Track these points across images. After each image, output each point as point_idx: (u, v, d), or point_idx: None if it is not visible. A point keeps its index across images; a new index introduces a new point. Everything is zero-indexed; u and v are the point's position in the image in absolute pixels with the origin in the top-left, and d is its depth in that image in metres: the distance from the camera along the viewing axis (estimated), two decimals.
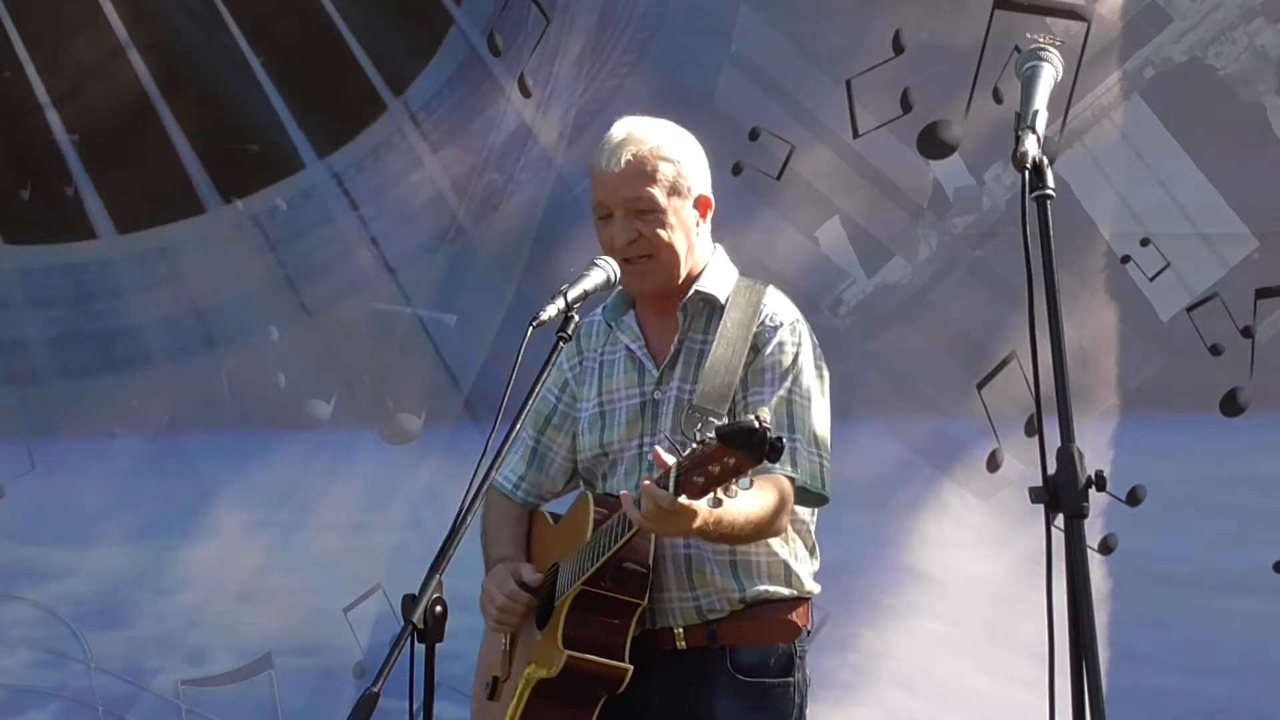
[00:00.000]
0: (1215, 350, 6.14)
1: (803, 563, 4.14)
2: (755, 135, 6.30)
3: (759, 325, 4.09)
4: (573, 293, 3.97)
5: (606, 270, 4.06)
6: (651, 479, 3.72)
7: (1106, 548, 6.09)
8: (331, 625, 6.36)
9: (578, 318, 3.97)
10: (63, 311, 6.59)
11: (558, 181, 6.40)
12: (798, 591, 4.13)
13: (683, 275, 4.14)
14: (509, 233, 6.45)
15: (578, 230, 6.11)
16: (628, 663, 3.96)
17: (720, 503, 3.60)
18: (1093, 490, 3.02)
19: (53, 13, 6.60)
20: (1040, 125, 3.22)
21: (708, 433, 3.54)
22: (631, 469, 4.11)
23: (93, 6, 6.55)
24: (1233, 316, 6.13)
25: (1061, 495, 3.02)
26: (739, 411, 3.97)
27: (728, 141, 6.17)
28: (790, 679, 4.10)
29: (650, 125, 4.14)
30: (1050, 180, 3.15)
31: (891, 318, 6.28)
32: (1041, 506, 3.05)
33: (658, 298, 4.17)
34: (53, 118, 6.58)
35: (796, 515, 4.11)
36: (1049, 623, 3.05)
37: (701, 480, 3.58)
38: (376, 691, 3.51)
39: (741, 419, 3.54)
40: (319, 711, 6.36)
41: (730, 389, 4.00)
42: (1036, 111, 3.24)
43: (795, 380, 4.07)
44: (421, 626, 3.60)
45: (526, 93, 6.44)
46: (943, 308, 6.26)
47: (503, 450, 3.80)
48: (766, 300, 4.13)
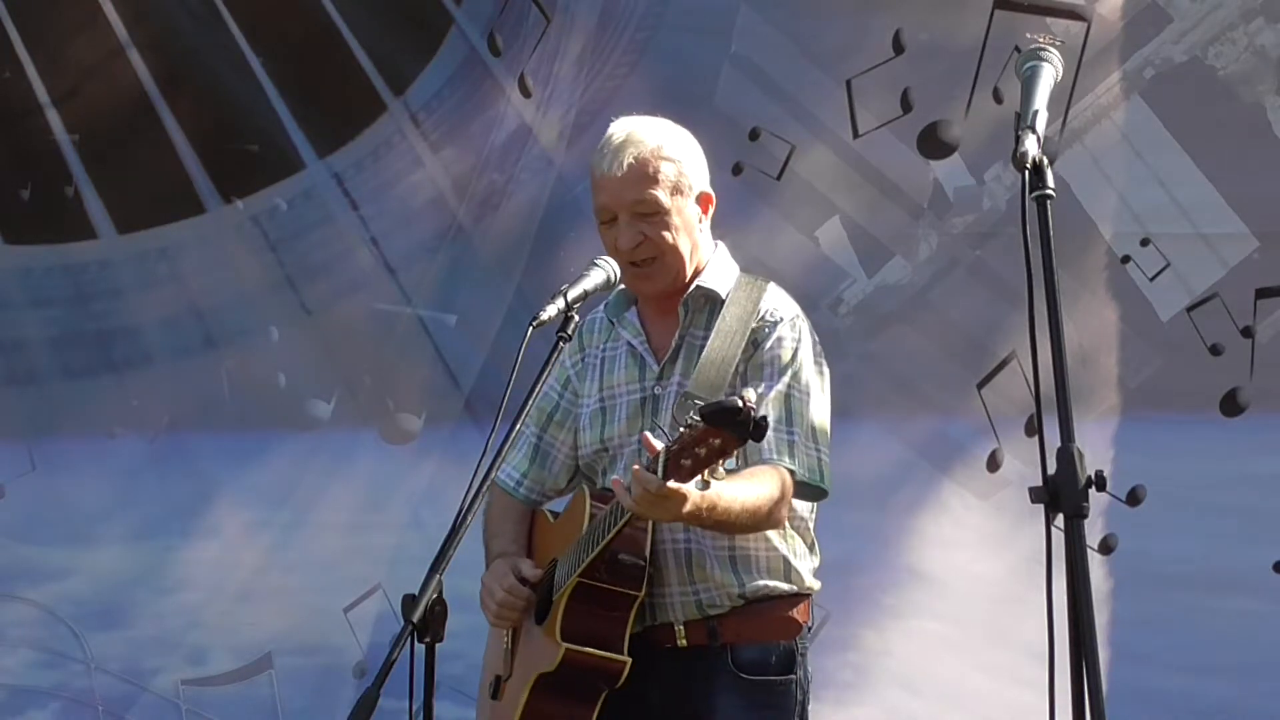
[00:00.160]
0: (1215, 350, 6.14)
1: (802, 559, 4.14)
2: (755, 135, 6.30)
3: (758, 320, 4.09)
4: (573, 293, 3.98)
5: (606, 270, 4.07)
6: (641, 464, 3.72)
7: (1106, 548, 6.09)
8: (331, 625, 6.36)
9: (578, 318, 3.98)
10: (63, 311, 6.59)
11: (558, 181, 6.40)
12: (798, 588, 4.13)
13: (688, 274, 4.14)
14: (509, 233, 6.45)
15: (578, 230, 6.12)
16: (626, 655, 3.96)
17: (708, 484, 3.60)
18: (1093, 490, 3.02)
19: (53, 13, 6.60)
20: (1040, 125, 3.22)
21: (693, 414, 3.54)
22: (632, 464, 4.07)
23: (93, 6, 6.55)
24: (1233, 316, 6.13)
25: (1061, 495, 3.03)
26: None
27: (728, 141, 6.17)
28: (792, 676, 4.10)
29: (649, 125, 4.14)
30: (1050, 180, 3.15)
31: (891, 318, 6.28)
32: (1041, 506, 3.05)
33: (661, 295, 4.17)
34: (53, 118, 6.58)
35: (795, 512, 4.11)
36: (1049, 623, 3.05)
37: (689, 463, 3.58)
38: (376, 692, 3.52)
39: (726, 399, 3.55)
40: (319, 711, 6.37)
41: (724, 380, 4.00)
42: (1036, 111, 3.24)
43: (795, 375, 4.07)
44: (421, 626, 3.60)
45: (526, 93, 6.44)
46: (943, 308, 6.26)
47: (503, 450, 3.81)
48: (767, 296, 4.14)
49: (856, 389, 6.00)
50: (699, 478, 3.59)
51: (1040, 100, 3.26)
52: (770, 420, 3.98)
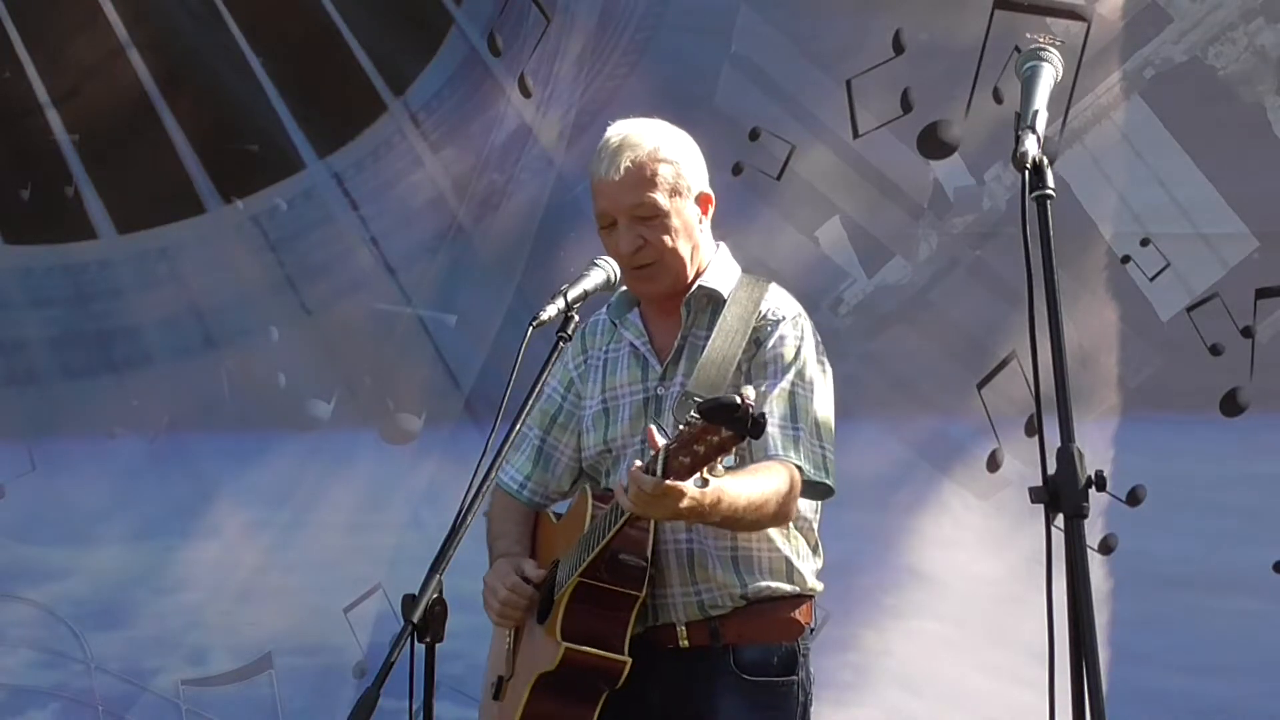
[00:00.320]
0: (1215, 350, 6.14)
1: (805, 560, 4.14)
2: (755, 135, 6.30)
3: (760, 319, 4.09)
4: (573, 293, 3.98)
5: (606, 270, 4.07)
6: (640, 463, 3.71)
7: (1106, 548, 6.09)
8: (331, 625, 6.36)
9: (578, 318, 3.98)
10: (63, 311, 6.59)
11: (558, 181, 6.40)
12: (800, 589, 4.12)
13: (690, 275, 4.14)
14: (509, 233, 6.45)
15: (578, 230, 6.12)
16: (626, 656, 3.96)
17: (707, 482, 3.59)
18: (1093, 490, 3.02)
19: (53, 13, 6.60)
20: (1040, 125, 3.22)
21: (692, 411, 3.54)
22: (634, 465, 4.09)
23: (93, 6, 6.55)
24: (1233, 316, 6.13)
25: (1061, 495, 3.03)
26: None
27: (728, 141, 6.17)
28: (794, 677, 4.09)
29: (645, 127, 4.14)
30: (1050, 180, 3.15)
31: (891, 318, 6.28)
32: (1041, 506, 3.05)
33: (662, 297, 4.17)
34: (53, 118, 6.58)
35: (799, 512, 4.10)
36: (1049, 623, 3.05)
37: (688, 460, 3.57)
38: (376, 691, 3.52)
39: (724, 395, 3.54)
40: (319, 711, 6.37)
41: (725, 378, 3.99)
42: (1036, 111, 3.24)
43: (798, 372, 4.07)
44: (421, 626, 3.60)
45: (526, 93, 6.44)
46: (943, 308, 6.26)
47: (503, 450, 3.81)
48: (768, 296, 4.14)
49: (856, 389, 6.00)
50: (698, 475, 3.59)
51: (1040, 100, 3.26)
52: (775, 418, 3.98)
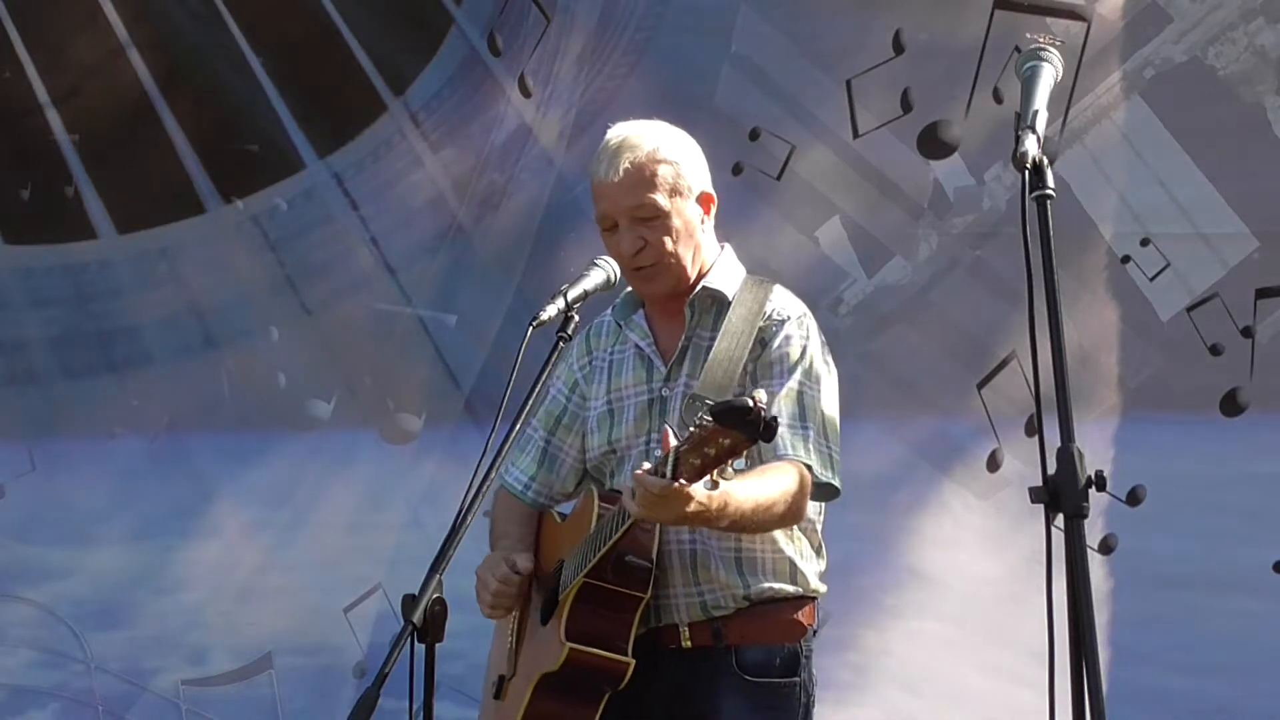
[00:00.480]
0: (1215, 350, 6.14)
1: (808, 561, 4.13)
2: (755, 135, 6.30)
3: (765, 320, 4.09)
4: (573, 293, 3.99)
5: (606, 270, 4.07)
6: (647, 466, 3.71)
7: (1106, 548, 6.09)
8: (331, 625, 6.36)
9: (578, 318, 3.98)
10: (63, 311, 6.59)
11: (558, 181, 6.40)
12: (803, 590, 4.12)
13: (693, 275, 4.14)
14: (509, 233, 6.45)
15: (578, 230, 6.12)
16: (630, 657, 3.96)
17: (717, 485, 3.59)
18: (1093, 490, 3.02)
19: (53, 13, 6.60)
20: (1040, 125, 3.22)
21: (704, 414, 3.54)
22: (639, 465, 4.08)
23: (93, 6, 6.55)
24: (1233, 316, 6.13)
25: (1061, 495, 3.02)
26: None
27: (728, 141, 6.17)
28: (796, 679, 4.09)
29: (644, 129, 4.13)
30: (1050, 180, 3.15)
31: (891, 318, 6.28)
32: (1041, 506, 3.05)
33: (666, 297, 4.17)
34: (53, 118, 6.58)
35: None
36: (1049, 623, 3.05)
37: (698, 462, 3.57)
38: (376, 692, 3.52)
39: (736, 398, 3.55)
40: (319, 711, 6.37)
41: (732, 380, 3.99)
42: (1036, 111, 3.24)
43: (805, 372, 4.07)
44: (421, 626, 3.60)
45: (526, 93, 6.44)
46: (943, 308, 6.26)
47: (503, 450, 3.81)
48: (773, 296, 4.14)
49: (856, 389, 5.96)
50: (708, 478, 3.59)
51: (1040, 100, 3.26)
52: (784, 418, 3.98)
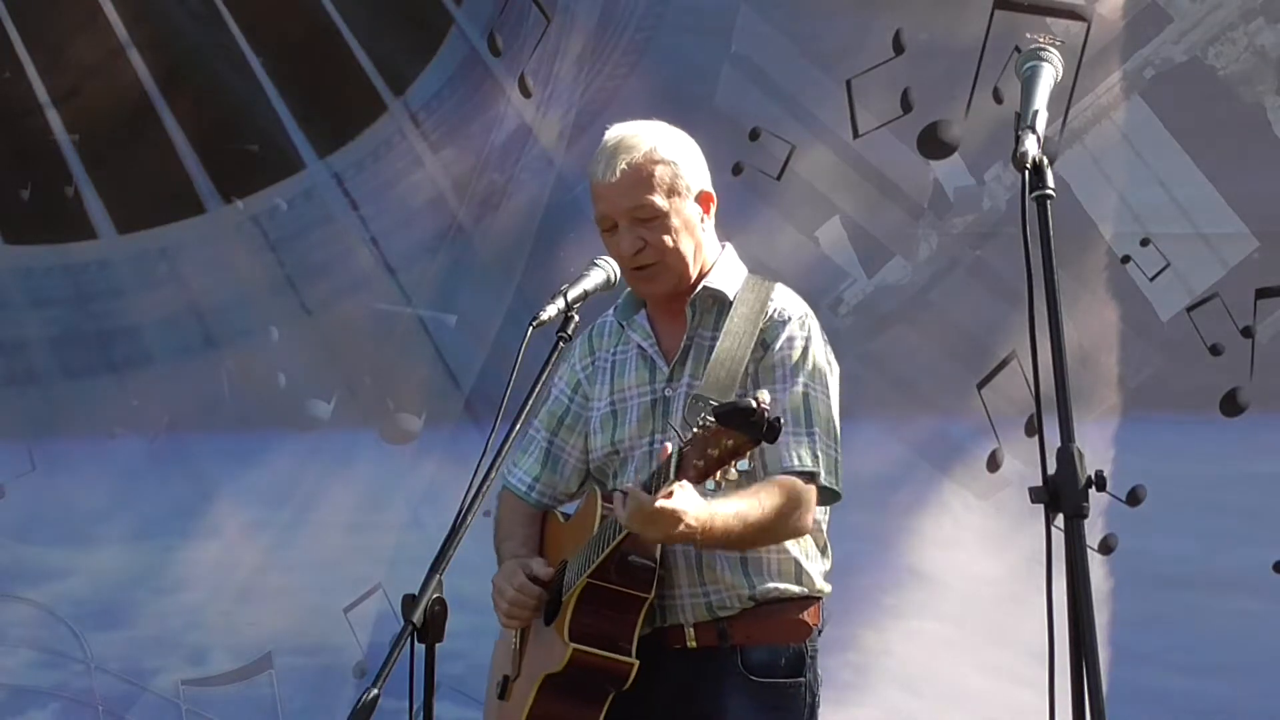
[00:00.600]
0: (1215, 350, 6.14)
1: (814, 561, 4.13)
2: (755, 135, 6.30)
3: (767, 320, 4.08)
4: (573, 293, 3.98)
5: (606, 270, 4.07)
6: (638, 479, 3.74)
7: (1106, 548, 6.09)
8: (331, 625, 6.36)
9: (578, 318, 3.98)
10: (63, 311, 6.59)
11: (558, 181, 6.40)
12: (808, 590, 4.12)
13: (693, 275, 4.14)
14: (509, 233, 6.45)
15: (578, 230, 6.12)
16: (634, 657, 3.96)
17: (719, 486, 3.60)
18: (1093, 490, 3.02)
19: (53, 13, 6.60)
20: (1040, 125, 3.22)
21: (706, 415, 3.54)
22: (642, 467, 4.09)
23: (93, 6, 6.55)
24: (1233, 316, 6.13)
25: (1061, 495, 3.02)
26: None
27: (728, 141, 6.17)
28: (801, 679, 4.09)
29: (642, 129, 4.13)
30: (1050, 180, 3.15)
31: (891, 318, 6.28)
32: (1041, 506, 3.05)
33: (667, 297, 4.17)
34: (53, 118, 6.58)
35: None
36: (1049, 623, 3.05)
37: (701, 463, 3.58)
38: (376, 691, 3.52)
39: (739, 399, 3.54)
40: (319, 711, 6.36)
41: (734, 380, 3.99)
42: (1036, 111, 3.23)
43: (808, 374, 4.07)
44: (421, 626, 3.60)
45: (526, 93, 6.44)
46: (943, 308, 6.26)
47: (503, 450, 3.80)
48: (774, 296, 4.14)
49: (856, 389, 5.95)
50: (711, 479, 3.59)
51: (1040, 100, 3.26)
52: (788, 424, 3.99)
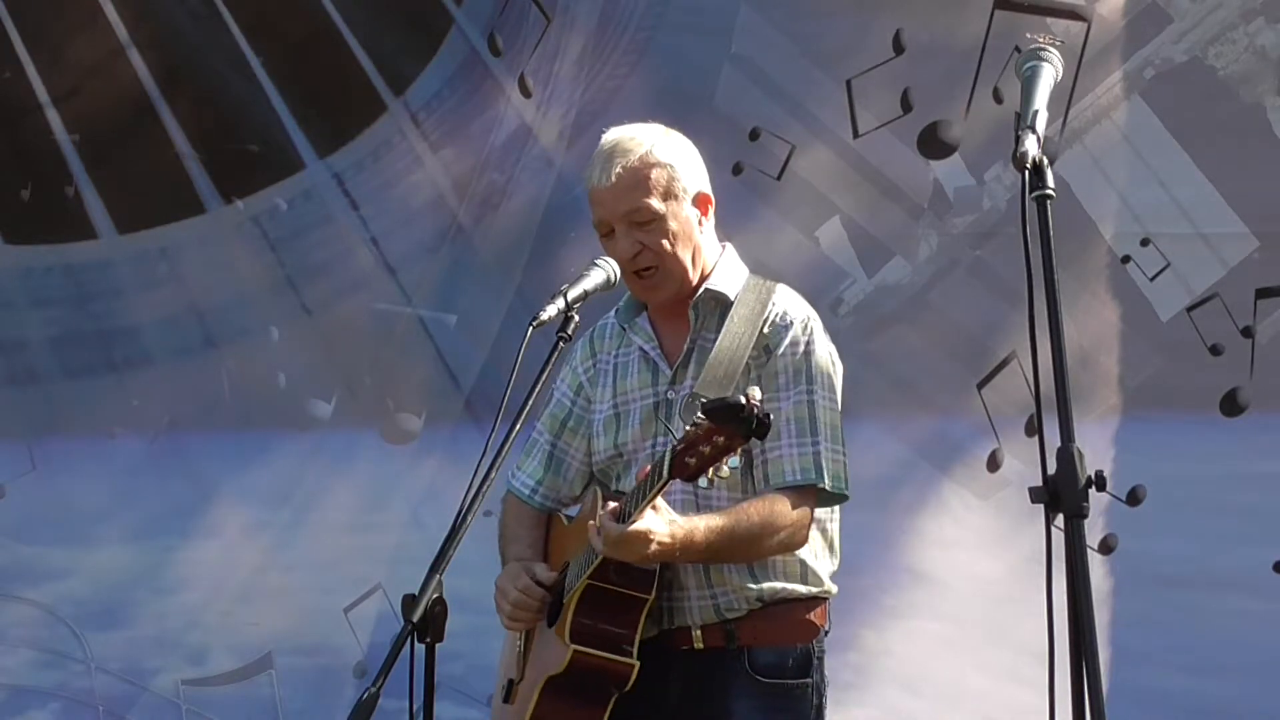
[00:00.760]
0: (1215, 350, 6.13)
1: (821, 560, 4.13)
2: (755, 135, 6.30)
3: (768, 324, 4.08)
4: (573, 293, 3.98)
5: (606, 270, 4.07)
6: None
7: (1106, 548, 6.09)
8: (331, 625, 6.37)
9: (578, 318, 3.97)
10: (63, 311, 6.59)
11: (558, 181, 6.40)
12: (815, 590, 4.12)
13: (694, 277, 4.13)
14: (509, 233, 6.45)
15: (578, 230, 6.12)
16: (635, 658, 3.96)
17: (713, 482, 3.61)
18: (1093, 490, 3.02)
19: (53, 12, 6.60)
20: (1040, 125, 3.22)
21: (697, 412, 3.54)
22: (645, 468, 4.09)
23: (93, 6, 6.56)
24: (1233, 316, 6.12)
25: (1061, 495, 3.02)
26: None
27: (728, 141, 6.17)
28: (808, 680, 4.09)
29: (637, 132, 4.12)
30: (1050, 180, 3.15)
31: (891, 318, 6.28)
32: (1041, 506, 3.05)
33: (669, 301, 4.17)
34: (53, 117, 6.58)
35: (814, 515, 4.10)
36: (1049, 623, 3.05)
37: (693, 461, 3.59)
38: (376, 691, 3.52)
39: (729, 396, 3.55)
40: (319, 711, 6.37)
41: (732, 379, 3.99)
42: (1036, 111, 3.24)
43: (812, 379, 4.07)
44: (421, 626, 3.60)
45: (526, 93, 6.45)
46: (943, 308, 6.26)
47: (503, 450, 3.80)
48: (776, 298, 4.13)
49: (856, 389, 5.93)
50: (704, 476, 3.59)
51: (1040, 100, 3.26)
52: (791, 435, 3.99)
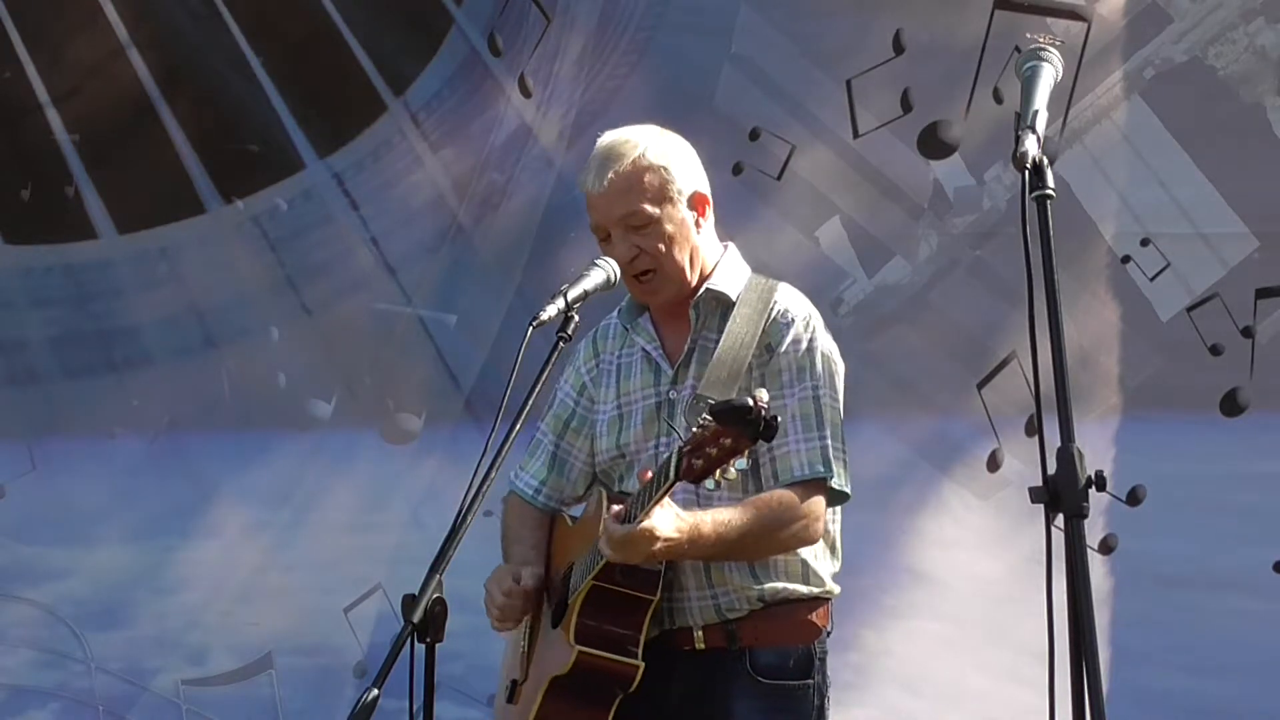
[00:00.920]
0: (1215, 350, 6.13)
1: (822, 561, 4.12)
2: (755, 135, 6.30)
3: (770, 322, 4.07)
4: (573, 293, 3.97)
5: (606, 270, 4.06)
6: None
7: (1106, 548, 6.09)
8: (331, 625, 6.36)
9: (578, 318, 3.97)
10: (63, 311, 6.59)
11: (558, 181, 6.40)
12: (817, 591, 4.11)
13: (694, 278, 4.13)
14: (509, 233, 6.45)
15: (578, 230, 6.10)
16: (639, 659, 3.95)
17: (719, 485, 3.61)
18: (1093, 490, 3.02)
19: (53, 12, 6.60)
20: (1040, 125, 3.22)
21: (704, 414, 3.54)
22: (648, 467, 4.08)
23: (93, 6, 6.56)
24: (1233, 316, 6.12)
25: (1061, 495, 3.02)
26: None
27: (728, 141, 6.18)
28: (809, 681, 4.08)
29: (630, 136, 4.12)
30: (1050, 180, 3.15)
31: (891, 318, 6.28)
32: (1041, 506, 3.05)
33: (669, 303, 4.16)
34: (53, 117, 6.58)
35: None
36: (1049, 623, 3.05)
37: (700, 463, 3.59)
38: (377, 692, 3.52)
39: (736, 398, 3.55)
40: (319, 711, 6.37)
41: (736, 379, 3.99)
42: (1036, 111, 3.24)
43: (816, 376, 4.07)
44: (421, 626, 3.60)
45: (526, 93, 6.45)
46: (943, 308, 6.26)
47: (503, 450, 3.80)
48: (778, 296, 4.12)
49: (856, 389, 5.93)
50: (711, 478, 3.59)
51: (1040, 100, 3.26)
52: (798, 430, 4.00)
